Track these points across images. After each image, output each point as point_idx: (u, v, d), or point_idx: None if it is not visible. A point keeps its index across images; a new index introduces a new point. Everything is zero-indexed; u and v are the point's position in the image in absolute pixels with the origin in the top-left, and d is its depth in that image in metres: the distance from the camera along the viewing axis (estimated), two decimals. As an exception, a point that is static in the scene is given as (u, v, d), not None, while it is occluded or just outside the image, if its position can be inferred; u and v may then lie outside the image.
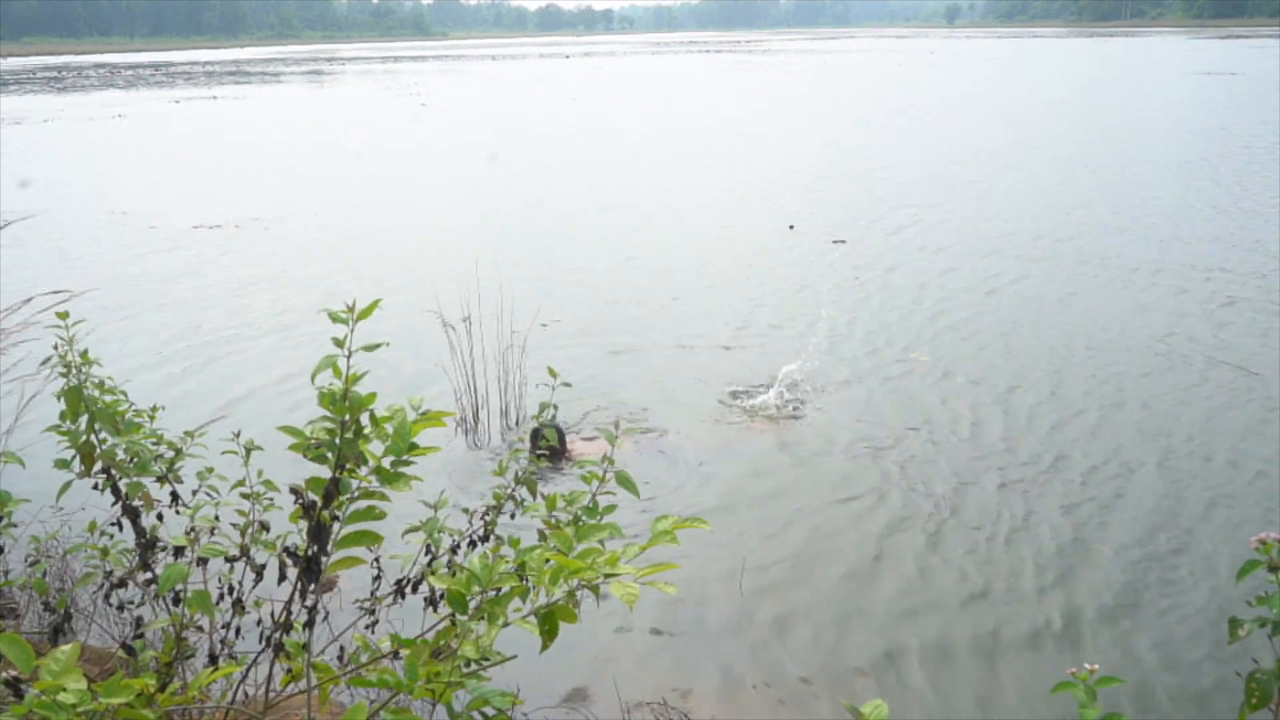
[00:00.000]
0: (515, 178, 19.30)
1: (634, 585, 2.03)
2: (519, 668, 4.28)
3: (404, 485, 2.31)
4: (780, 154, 21.55)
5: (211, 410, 7.14)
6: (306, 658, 2.45)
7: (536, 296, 9.86)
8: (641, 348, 8.78)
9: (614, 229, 14.23)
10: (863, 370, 8.13)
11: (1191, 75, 42.91)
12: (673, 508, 5.81)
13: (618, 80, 50.71)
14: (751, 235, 13.31)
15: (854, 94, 38.60)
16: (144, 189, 18.76)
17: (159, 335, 9.49)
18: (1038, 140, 22.49)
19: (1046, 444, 6.64)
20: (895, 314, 9.63)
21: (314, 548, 2.30)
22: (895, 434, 6.86)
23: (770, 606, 4.95)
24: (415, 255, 12.90)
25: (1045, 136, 23.19)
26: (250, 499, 2.85)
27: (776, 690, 4.34)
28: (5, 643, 1.92)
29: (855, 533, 5.63)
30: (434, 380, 7.51)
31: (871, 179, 17.78)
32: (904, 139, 23.17)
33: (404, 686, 2.08)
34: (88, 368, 2.68)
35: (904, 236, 13.04)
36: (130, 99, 42.53)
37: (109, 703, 1.84)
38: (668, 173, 19.49)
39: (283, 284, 11.45)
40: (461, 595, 2.17)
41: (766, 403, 7.47)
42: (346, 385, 2.16)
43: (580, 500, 2.53)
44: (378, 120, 32.50)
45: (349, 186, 18.89)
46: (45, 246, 13.59)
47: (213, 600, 2.57)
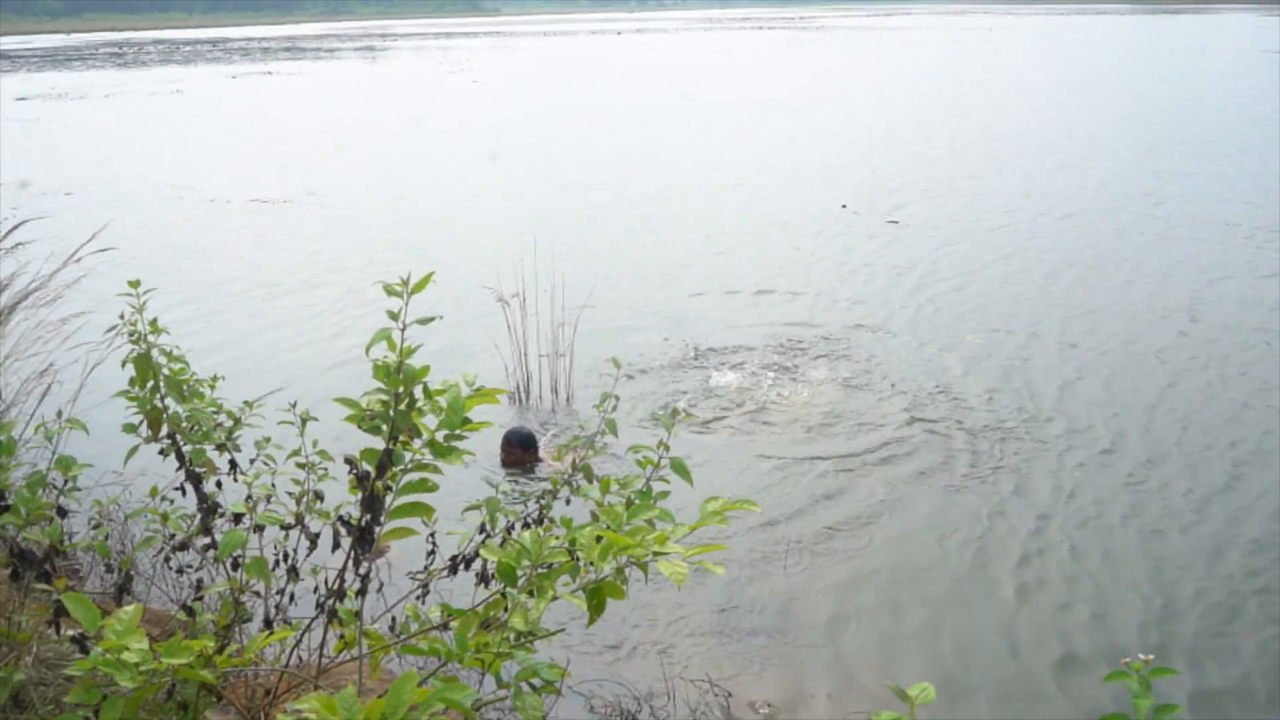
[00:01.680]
0: (566, 154, 19.31)
1: (683, 564, 2.04)
2: (565, 641, 4.34)
3: (457, 459, 2.33)
4: (832, 131, 21.30)
5: (266, 380, 7.27)
6: (359, 625, 2.49)
7: (586, 274, 9.87)
8: (691, 333, 8.75)
9: (666, 209, 14.18)
10: (919, 353, 8.03)
11: (1262, 54, 41.53)
12: (723, 490, 5.81)
13: (669, 57, 50.40)
14: (805, 216, 13.18)
15: (908, 71, 37.99)
16: (202, 163, 19.08)
17: (214, 306, 9.67)
18: (1087, 121, 21.97)
19: (1109, 428, 6.53)
20: (948, 296, 9.50)
21: (367, 517, 2.33)
22: (947, 414, 6.78)
23: (817, 585, 4.94)
24: (468, 230, 12.99)
25: (1097, 118, 22.63)
26: (305, 469, 2.89)
27: (822, 670, 4.34)
28: (72, 602, 1.98)
29: (908, 512, 5.59)
30: (485, 355, 7.55)
31: (924, 157, 17.50)
32: (958, 116, 22.75)
33: (454, 656, 2.11)
34: (156, 336, 2.74)
35: (957, 216, 12.82)
36: (188, 74, 43.21)
37: (170, 662, 1.89)
38: (718, 150, 19.35)
39: (336, 257, 11.60)
40: (511, 568, 2.20)
41: (817, 387, 7.42)
42: (401, 358, 2.18)
43: (634, 485, 2.54)
44: (431, 96, 32.67)
45: (402, 162, 19.04)
46: (105, 218, 13.88)
47: (268, 566, 2.62)
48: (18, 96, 31.94)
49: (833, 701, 4.14)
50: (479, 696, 1.95)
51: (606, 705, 4.07)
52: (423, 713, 1.74)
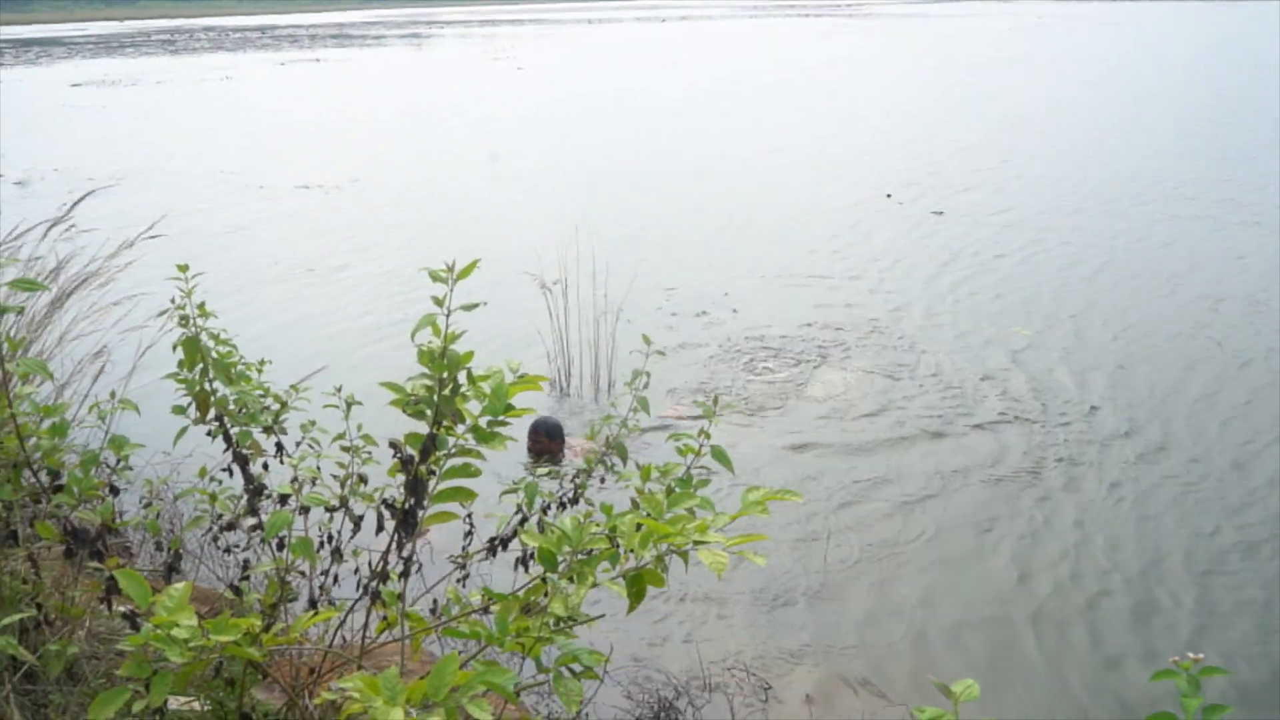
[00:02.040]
0: (610, 141, 19.30)
1: (723, 554, 2.04)
2: (604, 628, 4.36)
3: (499, 444, 2.35)
4: (877, 119, 21.08)
5: (310, 364, 7.37)
6: (401, 607, 2.52)
7: (629, 261, 9.87)
8: (733, 320, 8.72)
9: (709, 196, 14.13)
10: (964, 344, 7.94)
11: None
12: (764, 479, 5.80)
13: (713, 43, 50.14)
14: (848, 206, 13.06)
15: (953, 58, 37.45)
16: (250, 149, 19.33)
17: (260, 290, 9.81)
18: (1146, 111, 21.51)
19: (1161, 421, 6.41)
20: (993, 287, 9.36)
21: (411, 501, 2.36)
22: (992, 406, 6.70)
23: (857, 577, 4.92)
24: (512, 217, 13.04)
25: (1148, 108, 22.15)
26: (350, 452, 2.93)
27: (861, 662, 4.32)
28: (125, 578, 2.03)
29: (951, 504, 5.54)
30: (528, 341, 7.58)
31: (968, 145, 17.24)
32: (1005, 107, 22.38)
33: (494, 639, 2.13)
34: (204, 319, 2.79)
35: (1004, 205, 12.63)
36: (238, 62, 43.77)
37: (218, 639, 1.92)
38: (762, 137, 19.23)
39: (382, 243, 11.71)
40: (552, 554, 2.21)
41: (860, 375, 7.37)
42: (445, 343, 2.20)
43: (675, 472, 2.54)
44: (476, 84, 32.80)
45: (448, 149, 19.15)
46: (157, 202, 14.13)
47: (314, 547, 2.66)
48: (72, 83, 32.58)
49: (872, 695, 4.12)
50: (519, 680, 1.96)
51: (644, 692, 4.09)
52: (464, 695, 1.76)
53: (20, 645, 2.71)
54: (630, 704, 4.04)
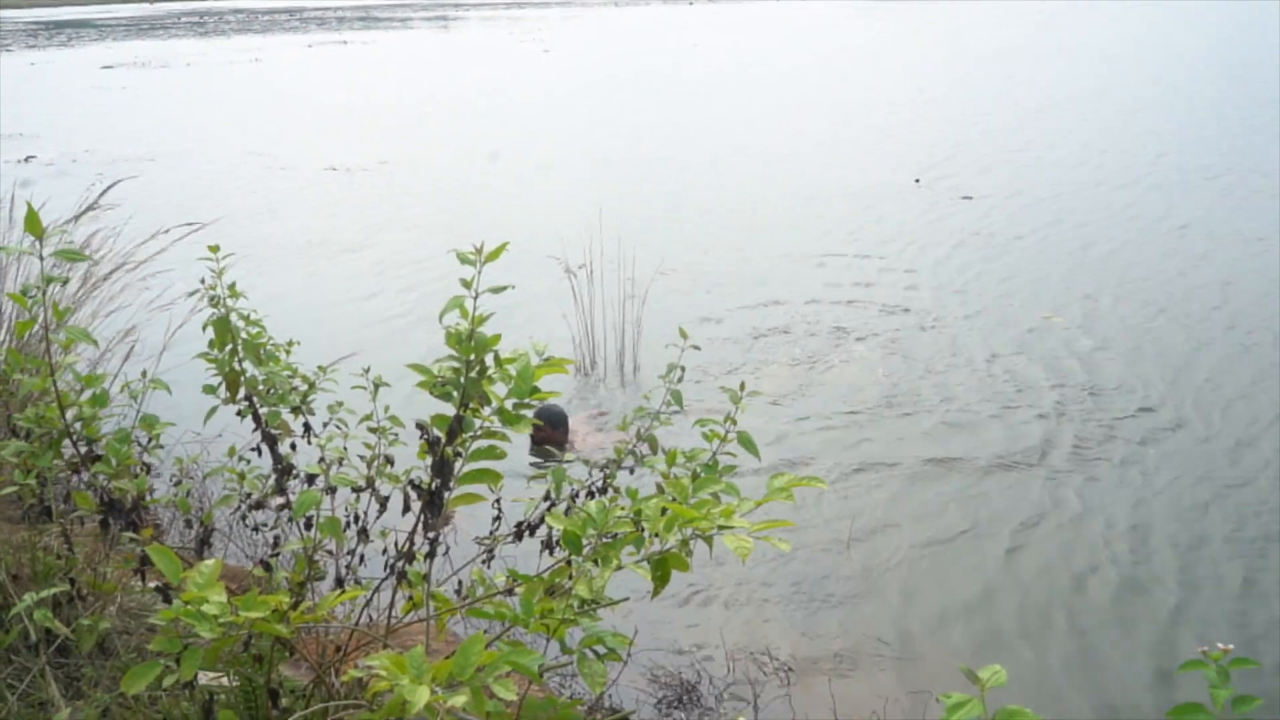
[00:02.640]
0: (636, 124, 19.23)
1: (748, 539, 2.04)
2: (627, 611, 4.38)
3: (524, 427, 2.36)
4: (905, 104, 20.86)
5: (337, 346, 7.42)
6: (426, 588, 2.54)
7: (655, 244, 9.85)
8: (759, 305, 8.69)
9: (734, 179, 14.06)
10: (995, 331, 7.87)
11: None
12: (788, 465, 5.79)
13: (741, 26, 49.80)
14: (875, 190, 12.97)
15: (982, 42, 36.99)
16: (278, 131, 19.42)
17: (288, 272, 9.88)
18: (1169, 98, 21.17)
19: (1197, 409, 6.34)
20: (1027, 276, 9.28)
21: (437, 482, 2.37)
22: (1023, 394, 6.65)
23: (882, 563, 4.91)
24: (538, 199, 13.03)
25: (1177, 96, 21.79)
26: (377, 433, 2.95)
27: (885, 649, 4.31)
28: (157, 554, 2.06)
29: (977, 491, 5.51)
30: (553, 325, 7.58)
31: (993, 132, 17.02)
32: (1028, 91, 22.08)
33: (519, 620, 2.14)
34: (234, 300, 2.81)
35: (1033, 193, 12.49)
36: (266, 44, 43.91)
37: (247, 616, 1.95)
38: (787, 120, 19.09)
39: (407, 225, 11.75)
40: (577, 536, 2.22)
41: (888, 361, 7.33)
42: (473, 326, 2.21)
43: (700, 457, 2.54)
44: (502, 66, 32.76)
45: (474, 131, 19.15)
46: (186, 183, 14.25)
47: (341, 527, 2.69)
48: (103, 65, 32.82)
49: (896, 680, 4.12)
50: (544, 660, 1.97)
51: (667, 675, 4.10)
52: (489, 675, 1.77)
53: (54, 619, 2.76)
54: (653, 687, 4.05)
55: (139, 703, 2.65)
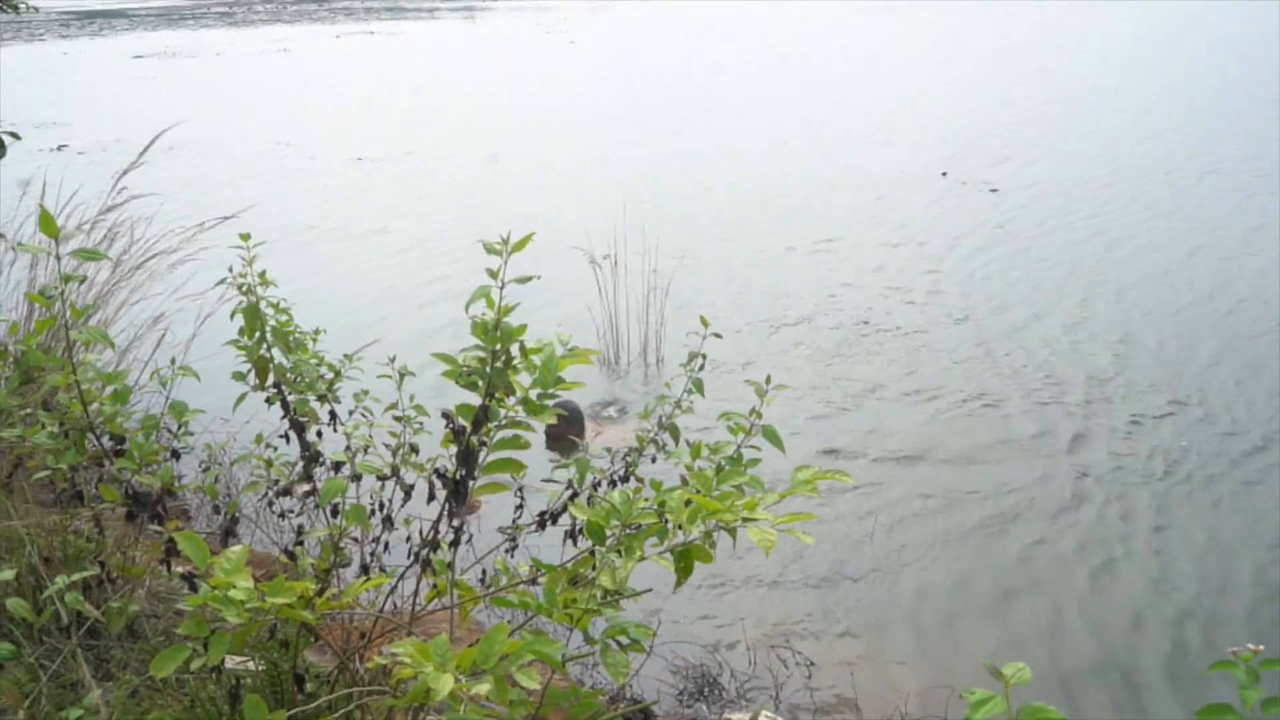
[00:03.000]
0: (662, 114, 19.18)
1: (771, 531, 2.03)
2: (649, 602, 4.38)
3: (549, 417, 2.36)
4: (931, 96, 20.69)
5: (360, 334, 7.47)
6: (450, 575, 2.55)
7: (679, 234, 9.83)
8: (784, 297, 8.65)
9: (760, 170, 14.00)
10: (1023, 325, 7.80)
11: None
12: (811, 458, 5.77)
13: (768, 18, 49.53)
14: (902, 182, 12.87)
15: (1007, 35, 36.60)
16: (306, 121, 19.51)
17: (313, 261, 9.94)
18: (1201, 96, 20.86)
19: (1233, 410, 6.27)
20: (1054, 269, 9.19)
21: (462, 471, 2.38)
22: (1047, 386, 6.59)
23: (904, 557, 4.88)
24: (563, 190, 13.04)
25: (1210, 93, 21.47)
26: (402, 421, 2.96)
27: (907, 643, 4.30)
28: (184, 540, 2.08)
29: (1002, 485, 5.48)
30: (577, 316, 7.58)
31: (1013, 124, 16.82)
32: (1047, 86, 21.81)
33: (543, 610, 2.15)
34: (264, 288, 2.83)
35: (1057, 185, 12.36)
36: (294, 34, 44.11)
37: (274, 602, 1.96)
38: (813, 113, 18.98)
39: (434, 215, 11.78)
40: (600, 527, 2.22)
41: (914, 354, 7.28)
42: (499, 316, 2.21)
43: (725, 450, 2.53)
44: (528, 57, 32.77)
45: (501, 121, 19.16)
46: (215, 173, 14.36)
47: (367, 514, 2.70)
48: (135, 55, 33.11)
49: (917, 675, 4.10)
50: (567, 650, 1.98)
51: (689, 666, 4.11)
52: (513, 663, 1.78)
53: (85, 602, 2.80)
54: (674, 678, 4.06)
55: (167, 685, 2.69)
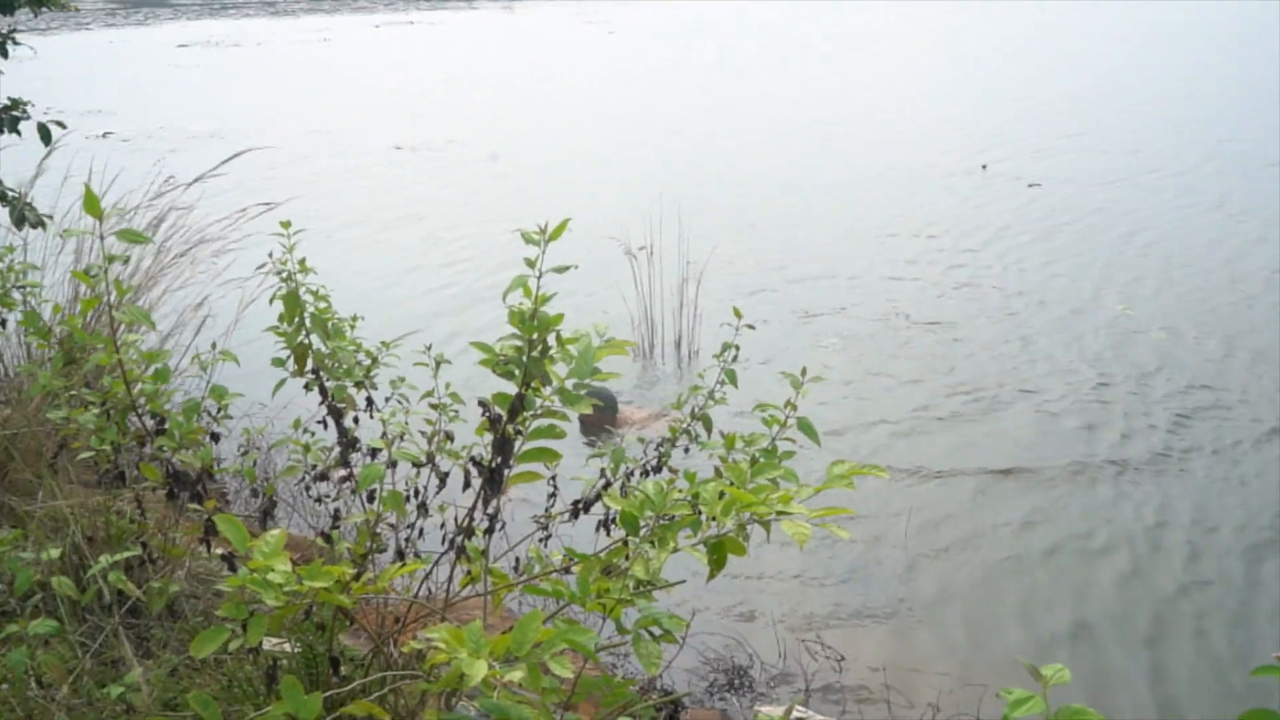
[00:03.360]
0: (699, 104, 19.13)
1: (806, 525, 2.02)
2: (682, 593, 4.39)
3: (585, 407, 2.36)
4: (971, 88, 20.44)
5: (396, 322, 7.52)
6: (484, 563, 2.57)
7: (714, 224, 9.80)
8: (820, 289, 8.60)
9: (797, 162, 13.92)
10: (1064, 321, 7.70)
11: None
12: (846, 452, 5.74)
13: (806, 8, 49.16)
14: (940, 176, 12.74)
15: (1053, 27, 36.06)
16: (346, 110, 19.68)
17: (351, 248, 10.02)
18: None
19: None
20: (1097, 266, 9.05)
21: (498, 459, 2.39)
22: (1088, 383, 6.51)
23: (939, 554, 4.85)
24: (598, 180, 13.05)
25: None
26: (437, 409, 2.98)
27: (940, 641, 4.26)
28: (223, 522, 2.10)
29: (1039, 483, 5.42)
30: (611, 306, 7.58)
31: (1051, 116, 16.58)
32: (1086, 79, 21.45)
33: (576, 599, 2.15)
34: (303, 275, 2.86)
35: (1098, 180, 12.17)
36: (334, 23, 44.46)
37: (311, 585, 1.98)
38: (853, 104, 18.83)
39: (472, 205, 11.85)
40: (634, 517, 2.22)
41: (952, 347, 7.21)
42: (536, 305, 2.22)
43: (759, 442, 2.52)
44: (567, 47, 32.80)
45: (538, 111, 19.21)
46: (256, 161, 14.48)
47: (403, 501, 2.72)
48: (178, 44, 33.54)
49: (949, 674, 4.07)
50: (599, 639, 1.98)
51: (719, 658, 4.11)
52: (546, 651, 1.78)
53: (126, 581, 2.85)
54: (705, 669, 4.06)
55: (205, 664, 2.73)
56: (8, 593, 3.00)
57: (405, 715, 2.40)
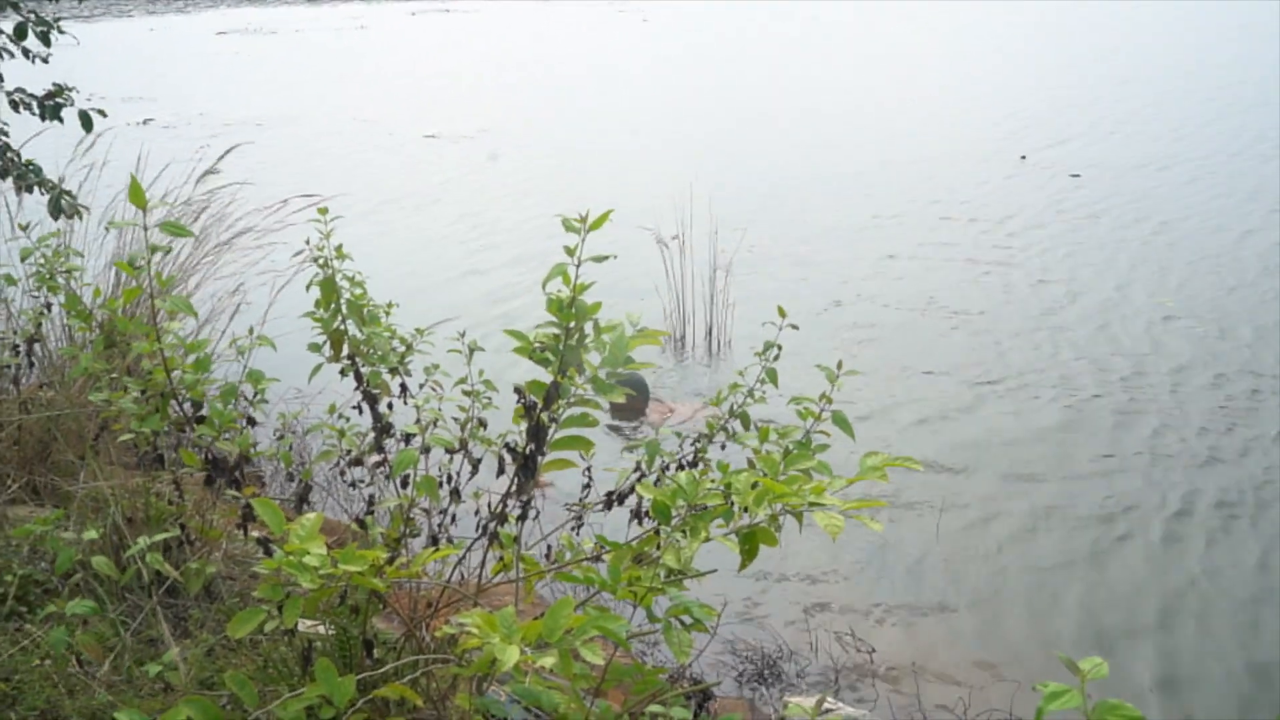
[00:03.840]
0: (731, 94, 19.03)
1: (839, 517, 2.01)
2: (713, 583, 4.39)
3: (618, 395, 2.37)
4: (1007, 75, 20.17)
5: (433, 310, 7.56)
6: (517, 549, 2.58)
7: (746, 213, 9.76)
8: (854, 282, 8.54)
9: (832, 151, 13.81)
10: (1105, 313, 7.60)
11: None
12: (879, 444, 5.71)
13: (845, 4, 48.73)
14: (979, 166, 12.60)
15: (1096, 15, 35.49)
16: (382, 98, 19.77)
17: (388, 235, 10.08)
18: None
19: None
20: (1138, 255, 8.92)
21: (532, 446, 2.40)
22: (1129, 378, 6.42)
23: (972, 547, 4.81)
24: (632, 169, 13.03)
25: None
26: (471, 396, 2.99)
27: (974, 635, 4.23)
28: (260, 506, 2.13)
29: (1075, 476, 5.36)
30: (643, 296, 7.57)
31: (1107, 108, 16.32)
32: (1121, 67, 21.07)
33: (607, 586, 2.16)
34: (340, 261, 2.88)
35: (1144, 170, 11.97)
36: (371, 11, 44.66)
37: (346, 569, 2.01)
38: (890, 92, 18.65)
39: (506, 193, 11.87)
40: (666, 506, 2.22)
41: (986, 340, 7.14)
42: (574, 293, 2.22)
43: (793, 434, 2.51)
44: (601, 35, 32.74)
45: (573, 100, 19.20)
46: (296, 148, 14.64)
47: (436, 486, 2.74)
48: (218, 31, 33.87)
49: (982, 667, 4.04)
50: (630, 627, 1.99)
51: (749, 649, 4.11)
52: (577, 638, 1.79)
53: (164, 562, 2.90)
54: (734, 659, 4.06)
55: (241, 645, 2.77)
56: (49, 571, 3.06)
57: (437, 698, 2.42)
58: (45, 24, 4.48)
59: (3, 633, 2.83)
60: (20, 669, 2.68)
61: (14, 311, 4.44)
